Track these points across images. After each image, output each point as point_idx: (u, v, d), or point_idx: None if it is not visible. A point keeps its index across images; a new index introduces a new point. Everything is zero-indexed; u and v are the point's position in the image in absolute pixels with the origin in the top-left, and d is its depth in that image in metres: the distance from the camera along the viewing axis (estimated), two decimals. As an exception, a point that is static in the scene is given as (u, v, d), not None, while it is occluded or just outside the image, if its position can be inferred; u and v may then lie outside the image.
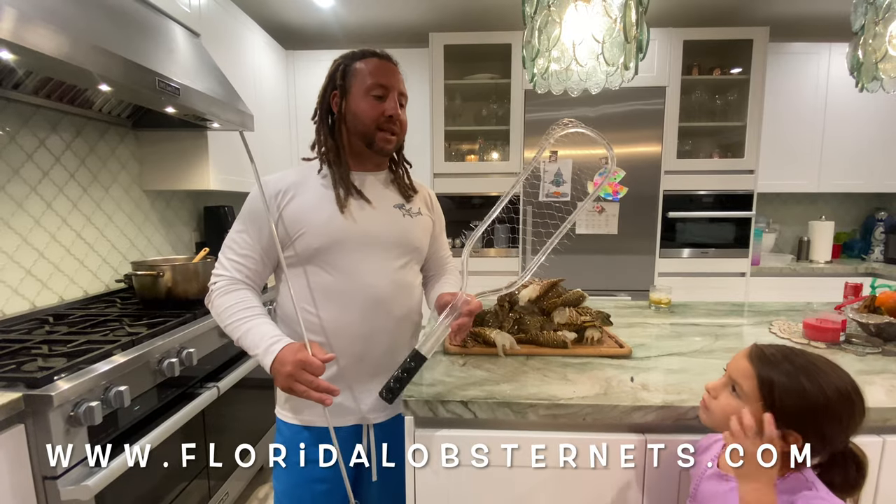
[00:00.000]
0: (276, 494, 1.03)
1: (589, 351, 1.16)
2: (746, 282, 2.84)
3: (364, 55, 1.00)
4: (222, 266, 0.99)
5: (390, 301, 1.00)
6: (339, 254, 0.96)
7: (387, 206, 1.04)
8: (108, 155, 1.88)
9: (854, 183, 2.98)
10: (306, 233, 0.96)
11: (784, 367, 0.66)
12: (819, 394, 0.64)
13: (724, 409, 0.71)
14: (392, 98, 0.98)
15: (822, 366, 0.67)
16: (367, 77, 0.98)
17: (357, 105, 0.98)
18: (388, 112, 0.97)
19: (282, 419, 1.03)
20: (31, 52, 1.03)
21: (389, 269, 1.00)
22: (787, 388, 0.65)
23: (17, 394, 0.96)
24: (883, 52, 1.29)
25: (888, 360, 1.12)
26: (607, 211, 2.75)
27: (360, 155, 1.03)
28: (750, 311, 1.65)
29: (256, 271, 1.00)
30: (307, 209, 0.97)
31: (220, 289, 0.97)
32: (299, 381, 0.84)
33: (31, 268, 1.57)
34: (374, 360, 1.00)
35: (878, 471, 0.87)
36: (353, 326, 0.97)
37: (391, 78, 0.99)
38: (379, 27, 2.94)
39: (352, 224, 0.97)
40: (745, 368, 0.70)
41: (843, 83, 2.82)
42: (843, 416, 0.64)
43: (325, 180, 1.01)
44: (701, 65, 2.83)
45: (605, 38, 1.05)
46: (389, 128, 0.99)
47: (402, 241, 1.03)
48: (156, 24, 1.62)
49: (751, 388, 0.68)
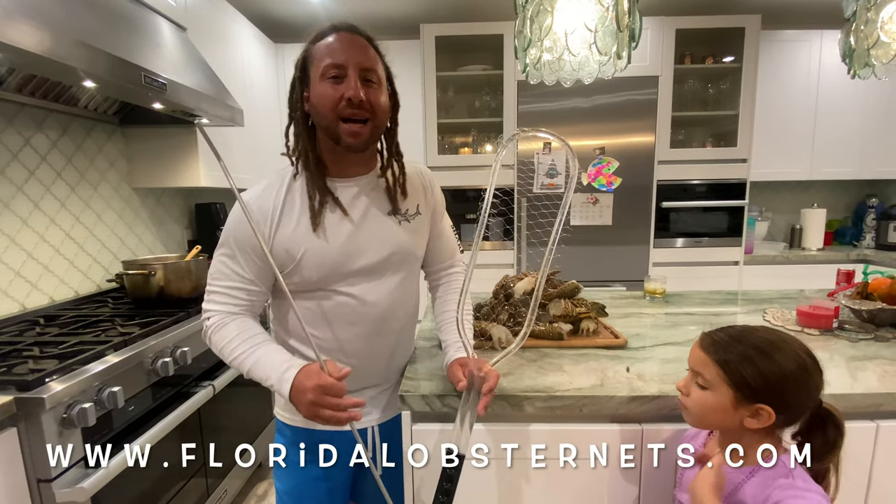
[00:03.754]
0: (279, 493, 1.01)
1: (585, 342, 1.16)
2: (740, 270, 2.85)
3: (323, 34, 0.84)
4: (212, 301, 0.89)
5: (391, 316, 0.95)
6: (338, 280, 0.89)
7: (379, 215, 0.91)
8: (95, 153, 1.85)
9: (845, 170, 3.00)
10: (303, 264, 0.86)
11: (736, 348, 0.68)
12: (777, 370, 0.66)
13: (699, 404, 0.72)
14: (351, 77, 0.80)
15: (773, 339, 0.69)
16: (322, 58, 0.82)
17: (315, 93, 0.83)
18: (346, 94, 0.80)
19: (282, 420, 1.00)
20: (12, 49, 1.00)
21: (390, 287, 0.93)
22: (745, 367, 0.67)
23: (9, 397, 0.95)
24: (875, 39, 1.29)
25: (880, 345, 1.13)
26: (601, 202, 2.75)
27: (338, 156, 0.88)
28: (744, 299, 1.66)
29: (252, 301, 0.90)
30: (300, 237, 0.85)
31: (215, 324, 0.87)
32: (324, 407, 0.77)
33: (19, 269, 1.55)
34: (375, 370, 0.98)
35: (871, 456, 0.88)
36: (354, 343, 0.93)
37: (347, 52, 0.81)
38: (368, 18, 2.90)
39: (349, 251, 0.88)
40: (700, 358, 0.72)
41: (834, 70, 2.83)
42: (806, 382, 0.67)
43: (304, 191, 0.88)
44: (693, 54, 2.82)
45: (597, 26, 1.04)
46: (353, 114, 0.81)
47: (401, 256, 0.94)
48: (141, 19, 1.59)
49: (712, 374, 0.70)
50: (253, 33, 2.57)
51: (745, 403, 0.67)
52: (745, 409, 0.68)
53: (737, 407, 0.68)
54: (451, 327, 1.00)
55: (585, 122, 2.71)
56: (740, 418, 0.68)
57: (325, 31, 0.85)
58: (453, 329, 0.97)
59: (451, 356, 0.94)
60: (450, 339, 0.99)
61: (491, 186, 0.86)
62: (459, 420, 0.79)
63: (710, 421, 0.74)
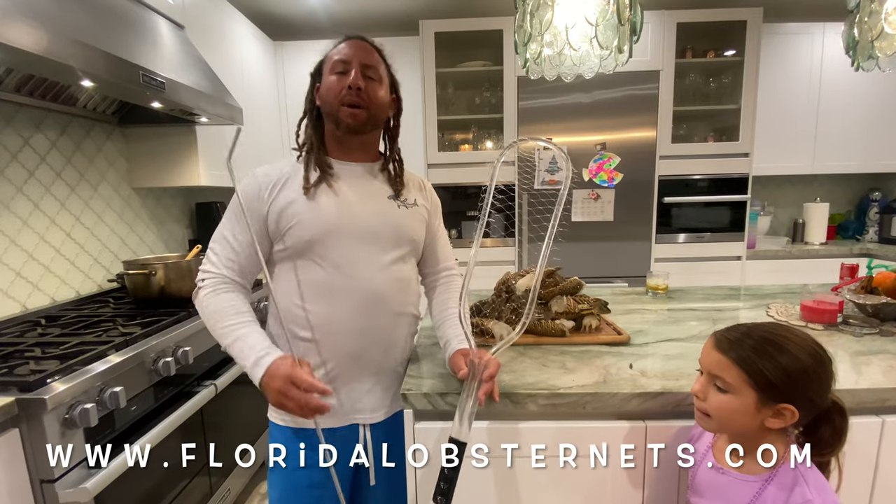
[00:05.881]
0: (272, 502, 1.00)
1: (587, 339, 1.15)
2: (742, 265, 2.84)
3: (338, 43, 0.98)
4: (210, 262, 0.95)
5: (386, 296, 0.96)
6: (332, 246, 0.93)
7: (379, 196, 1.00)
8: (94, 152, 1.85)
9: (848, 164, 2.98)
10: (297, 224, 0.92)
11: (760, 348, 0.66)
12: (796, 362, 0.65)
13: (721, 409, 0.69)
14: (354, 70, 0.93)
15: (784, 333, 0.68)
16: (332, 57, 0.96)
17: (323, 86, 0.96)
18: (347, 82, 0.92)
19: (273, 422, 1.01)
20: (9, 48, 1.00)
21: (384, 263, 0.96)
22: (767, 366, 0.65)
23: (10, 398, 0.95)
24: (879, 30, 1.28)
25: (885, 340, 1.12)
26: (603, 198, 2.74)
27: (342, 143, 0.99)
28: (746, 294, 1.65)
29: (246, 267, 0.96)
30: (298, 199, 0.93)
31: (210, 287, 0.93)
32: (290, 399, 0.82)
33: (20, 269, 1.55)
34: (369, 358, 0.97)
35: (877, 451, 0.87)
36: (347, 323, 0.94)
37: (352, 51, 0.95)
38: (367, 15, 2.88)
39: (344, 214, 0.94)
40: (719, 361, 0.69)
41: (837, 63, 2.80)
42: (822, 374, 0.66)
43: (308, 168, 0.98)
44: (695, 48, 2.80)
45: (598, 20, 1.03)
46: (351, 100, 0.93)
47: (398, 233, 0.99)
48: (138, 17, 1.58)
49: (734, 377, 0.67)
50: (251, 31, 2.56)
51: (769, 404, 0.66)
52: (767, 410, 0.66)
53: (760, 409, 0.66)
54: (452, 322, 1.02)
55: (586, 118, 2.69)
56: (762, 419, 0.67)
57: (340, 40, 0.99)
58: (454, 324, 1.00)
59: (453, 347, 0.96)
60: (450, 333, 1.00)
61: (490, 194, 0.90)
62: (460, 408, 0.80)
63: (733, 425, 0.70)
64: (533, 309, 0.87)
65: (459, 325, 0.95)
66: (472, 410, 0.80)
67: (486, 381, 0.82)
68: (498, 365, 0.86)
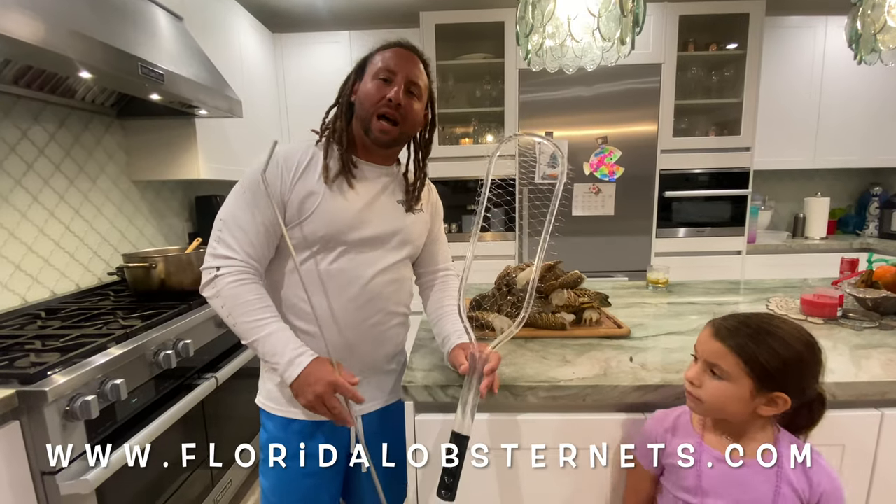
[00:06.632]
0: (264, 492, 1.00)
1: (587, 332, 1.15)
2: (743, 259, 2.84)
3: (388, 45, 0.96)
4: (228, 246, 0.89)
5: (385, 295, 0.97)
6: (340, 245, 0.93)
7: (391, 200, 1.00)
8: (93, 145, 1.84)
9: (849, 158, 2.97)
10: (313, 217, 0.91)
11: (756, 335, 0.68)
12: (791, 351, 0.66)
13: (715, 395, 0.70)
14: (397, 83, 0.91)
15: (778, 323, 0.69)
16: (378, 62, 0.94)
17: (364, 88, 0.94)
18: (388, 95, 0.91)
19: (265, 409, 1.00)
20: (6, 39, 0.99)
21: (386, 265, 0.97)
22: (764, 354, 0.66)
23: (11, 390, 0.95)
24: (882, 23, 1.27)
25: (885, 334, 1.12)
26: (603, 192, 2.73)
27: (367, 145, 0.98)
28: (747, 288, 1.65)
29: (264, 254, 0.92)
30: (317, 192, 0.91)
31: (233, 276, 0.87)
32: (327, 405, 0.85)
33: (20, 262, 1.54)
34: (361, 352, 0.98)
35: (876, 444, 0.88)
36: (347, 317, 0.94)
37: (400, 62, 0.93)
38: (368, 7, 2.86)
39: (358, 217, 0.93)
40: (716, 348, 0.70)
41: (839, 57, 2.79)
42: (813, 363, 0.67)
43: (330, 159, 0.96)
44: (697, 41, 2.79)
45: (600, 11, 1.02)
46: (389, 114, 0.91)
47: (402, 238, 1.00)
48: (137, 8, 1.57)
49: (730, 365, 0.68)
50: (251, 23, 2.54)
51: (763, 392, 0.67)
52: (762, 398, 0.67)
53: (755, 396, 0.67)
54: (451, 318, 1.02)
55: (587, 112, 2.68)
56: (755, 407, 0.68)
57: (391, 43, 0.97)
58: (453, 319, 1.01)
59: (453, 342, 0.96)
60: (449, 328, 1.00)
61: (486, 189, 0.91)
62: (462, 403, 0.81)
63: (726, 411, 0.71)
64: (532, 302, 0.87)
65: (458, 320, 0.95)
66: (473, 404, 0.81)
67: (487, 374, 0.83)
68: (499, 358, 0.86)
